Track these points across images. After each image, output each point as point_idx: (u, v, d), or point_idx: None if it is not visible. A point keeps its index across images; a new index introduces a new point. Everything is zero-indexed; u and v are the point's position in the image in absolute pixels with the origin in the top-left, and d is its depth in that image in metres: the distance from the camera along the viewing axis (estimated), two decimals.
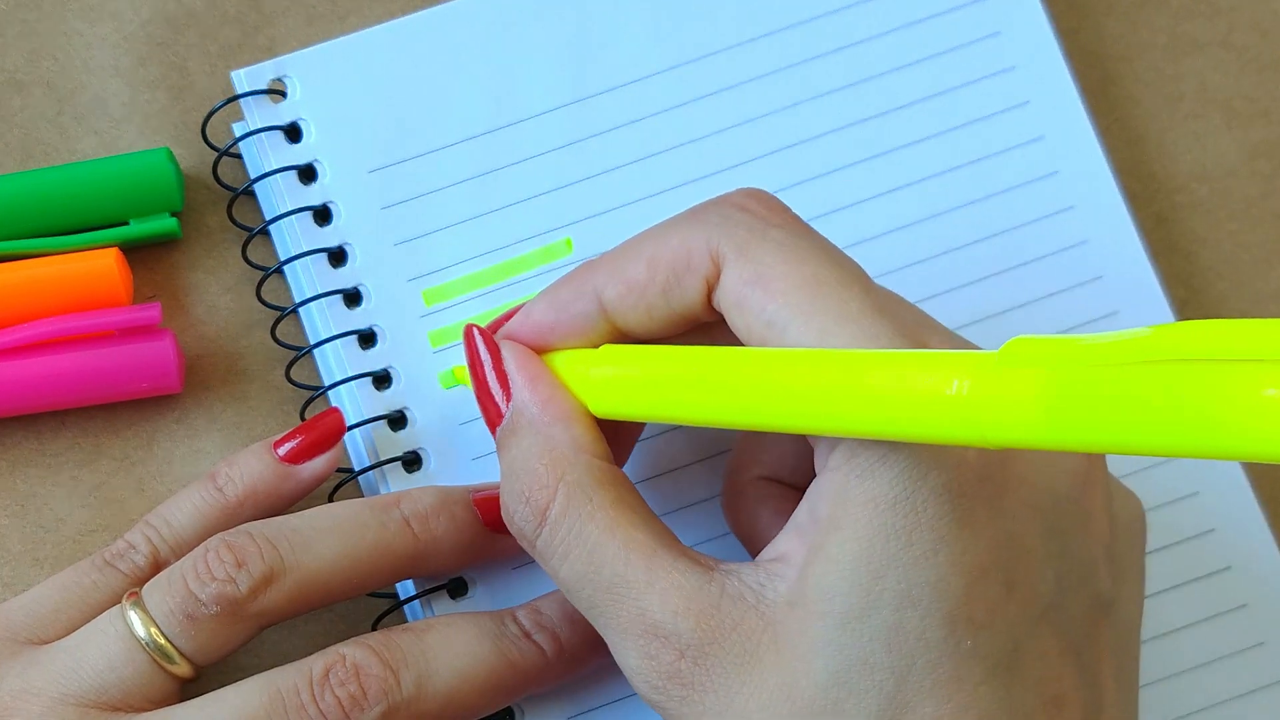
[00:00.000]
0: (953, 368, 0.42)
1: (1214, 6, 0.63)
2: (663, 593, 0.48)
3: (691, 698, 0.48)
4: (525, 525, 0.50)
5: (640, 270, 0.50)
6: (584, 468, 0.50)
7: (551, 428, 0.51)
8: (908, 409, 0.43)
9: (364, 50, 0.59)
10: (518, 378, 0.52)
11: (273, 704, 0.51)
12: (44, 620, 0.54)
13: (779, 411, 0.46)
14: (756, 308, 0.48)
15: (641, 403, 0.50)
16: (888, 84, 0.59)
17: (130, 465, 0.58)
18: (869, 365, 0.44)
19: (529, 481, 0.50)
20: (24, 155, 0.60)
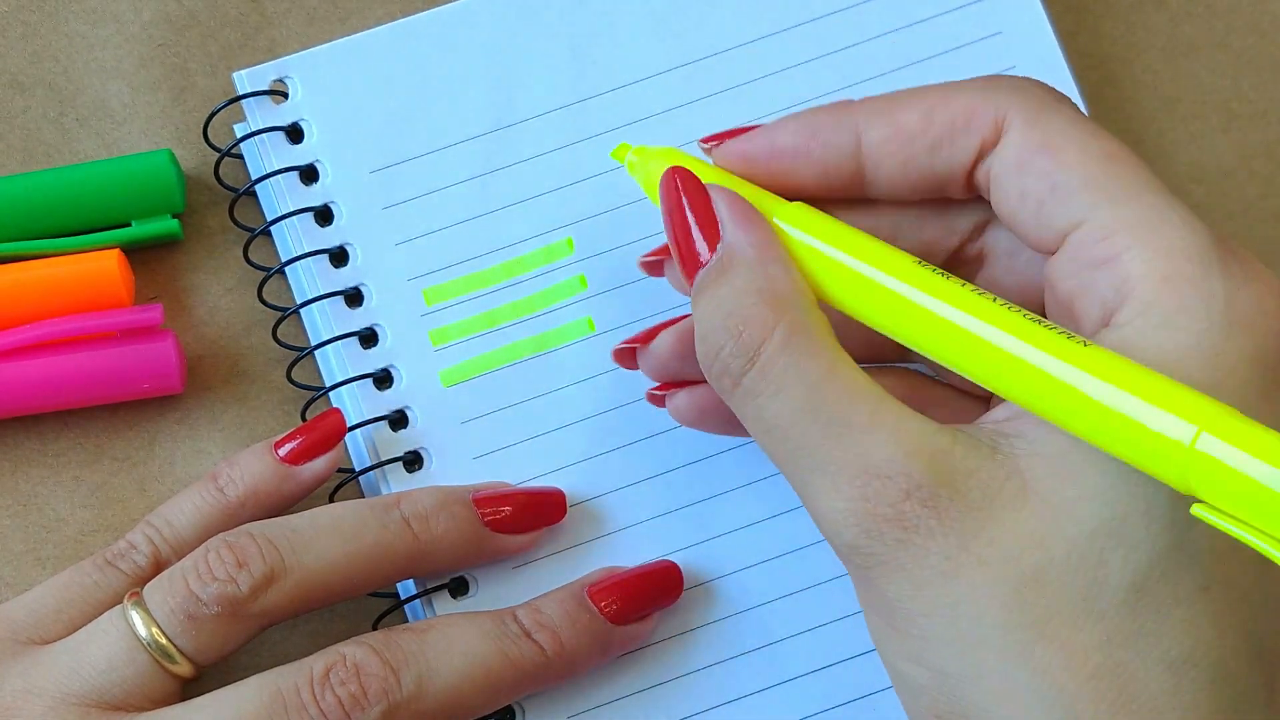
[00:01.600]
0: (1194, 414, 0.42)
1: (1212, 8, 0.63)
2: (891, 433, 0.46)
3: (912, 541, 0.45)
4: (733, 360, 0.48)
5: (915, 118, 0.49)
6: (804, 309, 0.48)
7: (771, 266, 0.49)
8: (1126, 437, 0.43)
9: (366, 51, 0.59)
10: (729, 218, 0.50)
11: (273, 703, 0.52)
12: (45, 620, 0.54)
13: (975, 366, 0.46)
14: (1042, 171, 0.47)
15: (829, 276, 0.49)
16: (888, 85, 0.59)
17: (132, 466, 0.58)
18: (1097, 367, 0.43)
19: (743, 317, 0.48)
20: (26, 156, 0.60)
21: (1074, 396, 0.44)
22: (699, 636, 0.57)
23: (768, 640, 0.57)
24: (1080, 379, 0.44)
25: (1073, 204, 0.47)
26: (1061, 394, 0.44)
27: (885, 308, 0.48)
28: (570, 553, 0.57)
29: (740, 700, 0.57)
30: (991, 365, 0.46)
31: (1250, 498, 0.41)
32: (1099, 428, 0.44)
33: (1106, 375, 0.43)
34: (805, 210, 0.50)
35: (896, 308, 0.48)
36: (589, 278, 0.59)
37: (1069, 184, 0.47)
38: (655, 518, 0.57)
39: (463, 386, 0.58)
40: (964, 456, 0.46)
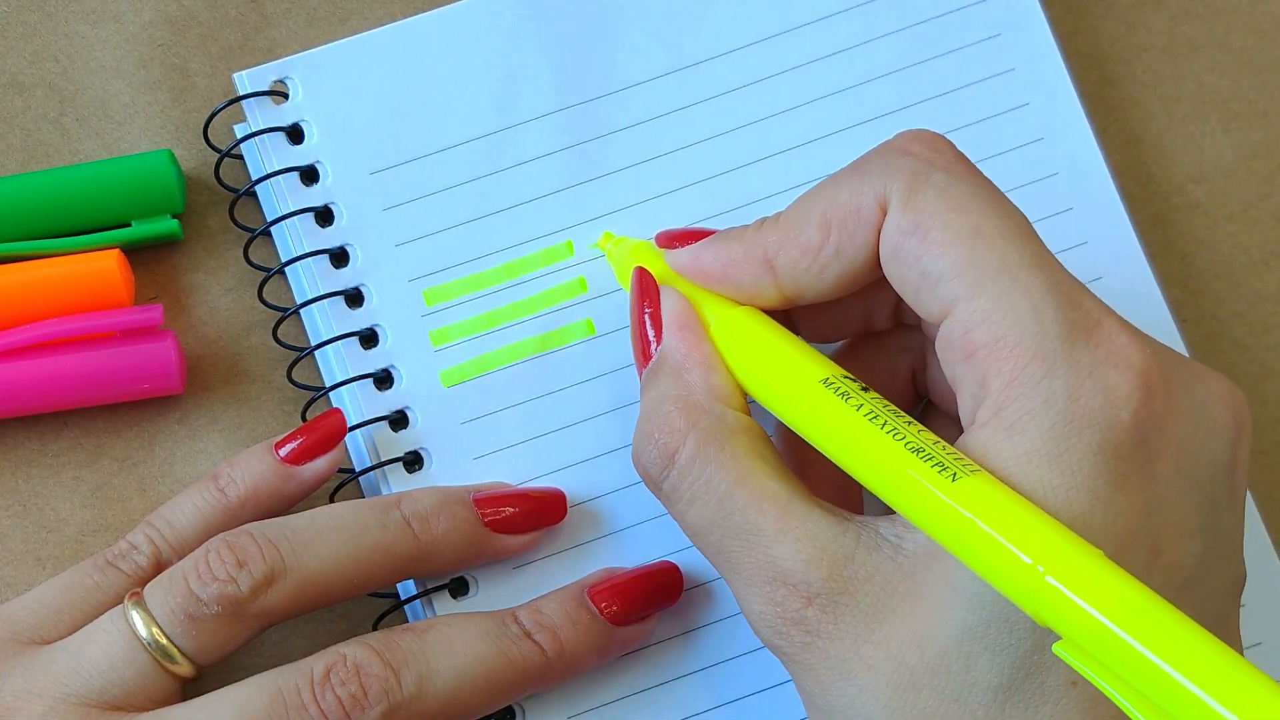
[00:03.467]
0: (1041, 551, 0.44)
1: (1212, 8, 0.63)
2: (795, 541, 0.48)
3: (815, 644, 0.48)
4: (652, 467, 0.51)
5: (814, 234, 0.50)
6: (717, 416, 0.51)
7: (690, 374, 0.51)
8: (998, 566, 0.45)
9: (366, 52, 0.59)
10: (670, 323, 0.52)
11: (274, 703, 0.52)
12: (46, 620, 0.54)
13: (877, 482, 0.48)
14: (912, 258, 0.48)
15: (750, 382, 0.51)
16: (888, 85, 0.60)
17: (132, 466, 0.58)
18: (968, 499, 0.45)
19: (660, 424, 0.51)
20: (26, 157, 0.60)
21: (949, 526, 0.46)
22: (699, 637, 0.57)
23: None
24: (953, 510, 0.45)
25: (940, 292, 0.48)
26: (939, 522, 0.46)
27: (794, 417, 0.50)
28: (570, 553, 0.57)
29: (740, 700, 0.57)
30: (879, 484, 0.48)
31: (1096, 636, 0.43)
32: (971, 556, 0.45)
33: (973, 507, 0.45)
34: (747, 315, 0.52)
35: (803, 418, 0.50)
36: (589, 280, 0.59)
37: (935, 271, 0.48)
38: (655, 518, 0.57)
39: (463, 387, 0.58)
40: (864, 561, 0.48)
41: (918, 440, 0.47)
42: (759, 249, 0.51)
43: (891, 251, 0.49)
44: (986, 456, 0.46)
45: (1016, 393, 0.46)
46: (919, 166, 0.49)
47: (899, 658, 0.47)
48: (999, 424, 0.46)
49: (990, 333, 0.47)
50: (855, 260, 0.50)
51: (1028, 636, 0.46)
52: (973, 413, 0.47)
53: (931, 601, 0.47)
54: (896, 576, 0.47)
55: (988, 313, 0.47)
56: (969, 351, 0.47)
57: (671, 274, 0.54)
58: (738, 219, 0.59)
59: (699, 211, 0.59)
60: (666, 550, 0.57)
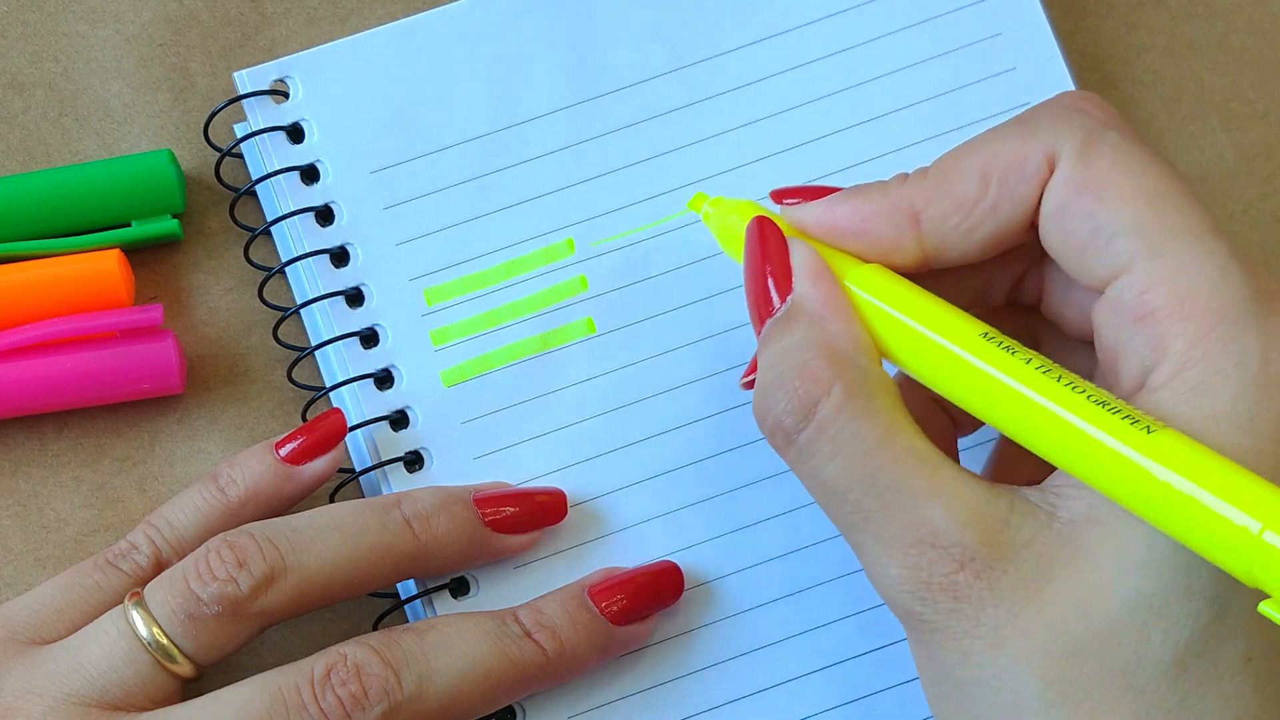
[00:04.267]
0: (1259, 508, 0.42)
1: (1212, 8, 0.63)
2: (947, 503, 0.46)
3: (964, 611, 0.46)
4: (787, 417, 0.48)
5: (970, 188, 0.48)
6: (864, 368, 0.48)
7: (832, 323, 0.49)
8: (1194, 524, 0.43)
9: (366, 51, 0.59)
10: (802, 272, 0.50)
11: (274, 703, 0.52)
12: (46, 620, 0.54)
13: (1041, 440, 0.46)
14: (1084, 213, 0.47)
15: (894, 340, 0.49)
16: (889, 85, 0.60)
17: (132, 466, 0.58)
18: (1168, 455, 0.43)
19: (801, 371, 0.48)
20: (26, 157, 0.60)
21: (1140, 484, 0.44)
22: (699, 637, 0.57)
23: (767, 640, 0.57)
24: (1146, 467, 0.43)
25: (1112, 251, 0.46)
26: (1127, 481, 0.44)
27: (949, 376, 0.48)
28: (570, 553, 0.57)
29: (740, 700, 0.57)
30: (1054, 443, 0.45)
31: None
32: (1166, 516, 0.43)
33: (1172, 464, 0.43)
34: (878, 272, 0.50)
35: (960, 377, 0.47)
36: (589, 278, 0.59)
37: (1109, 228, 0.46)
38: (655, 518, 0.57)
39: (463, 386, 0.58)
40: (1019, 527, 0.46)
41: (1099, 394, 0.45)
42: (905, 201, 0.49)
43: (1059, 207, 0.47)
44: (1167, 418, 0.44)
45: (1203, 353, 0.45)
46: (1092, 124, 0.48)
47: (1061, 626, 0.45)
48: (1181, 384, 0.45)
49: (1172, 292, 0.45)
50: (1012, 217, 0.48)
51: (1208, 607, 0.44)
52: (1143, 377, 0.46)
53: (1098, 569, 0.45)
54: (1055, 543, 0.45)
55: (1171, 272, 0.45)
56: (1144, 312, 0.46)
57: (791, 231, 0.51)
58: None
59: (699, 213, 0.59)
60: (666, 550, 0.57)
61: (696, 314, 0.58)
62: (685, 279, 0.59)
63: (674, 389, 0.58)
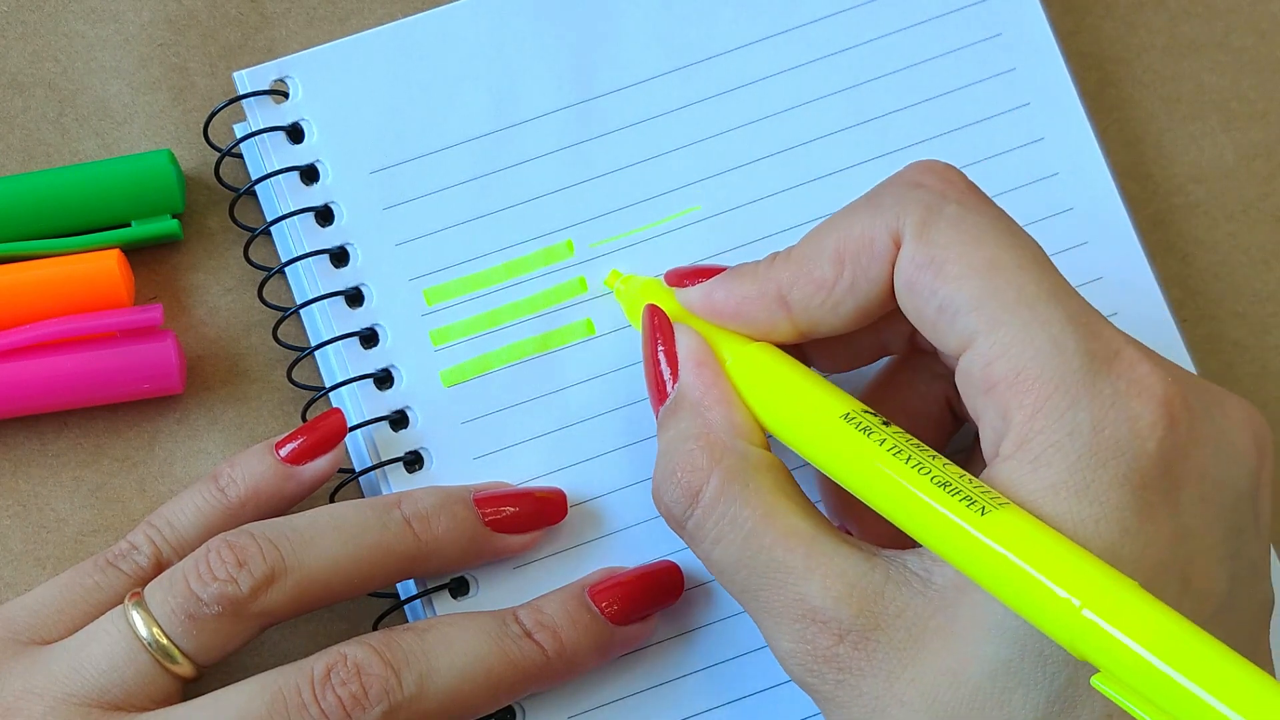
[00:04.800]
0: (1079, 586, 0.43)
1: (1212, 8, 0.63)
2: (824, 579, 0.48)
3: (848, 681, 0.48)
4: (675, 506, 0.50)
5: (827, 269, 0.50)
6: (740, 453, 0.50)
7: (710, 411, 0.51)
8: (1028, 598, 0.44)
9: (366, 51, 0.59)
10: (686, 361, 0.52)
11: (274, 703, 0.52)
12: (46, 621, 0.54)
13: (900, 516, 0.48)
14: (928, 292, 0.48)
15: (769, 419, 0.51)
16: (889, 85, 0.60)
17: (132, 466, 0.58)
18: (1002, 534, 0.45)
19: (682, 463, 0.50)
20: (26, 157, 0.60)
21: (979, 560, 0.45)
22: (699, 637, 0.57)
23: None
24: (985, 543, 0.45)
25: (957, 325, 0.48)
26: (969, 557, 0.46)
27: (816, 452, 0.50)
28: (571, 553, 0.57)
29: (740, 700, 0.57)
30: (906, 519, 0.48)
31: (1134, 668, 0.43)
32: (1003, 589, 0.45)
33: (1005, 542, 0.45)
34: (763, 350, 0.52)
35: (824, 454, 0.50)
36: (589, 279, 0.59)
37: (952, 304, 0.48)
38: (655, 518, 0.57)
39: (463, 386, 0.58)
40: (894, 596, 0.48)
41: (943, 474, 0.47)
42: (772, 285, 0.51)
43: (906, 285, 0.49)
44: (1012, 489, 0.46)
45: (1040, 425, 0.46)
46: (931, 199, 0.49)
47: (933, 694, 0.47)
48: (1024, 456, 0.46)
49: (1010, 366, 0.47)
50: (870, 293, 0.50)
51: (1062, 670, 0.46)
52: (995, 446, 0.47)
53: (963, 636, 0.46)
54: (927, 611, 0.47)
55: (1007, 346, 0.47)
56: (989, 385, 0.47)
57: (684, 312, 0.54)
58: (737, 218, 0.59)
59: (699, 212, 0.59)
60: (666, 550, 0.57)
61: None
62: None
63: None
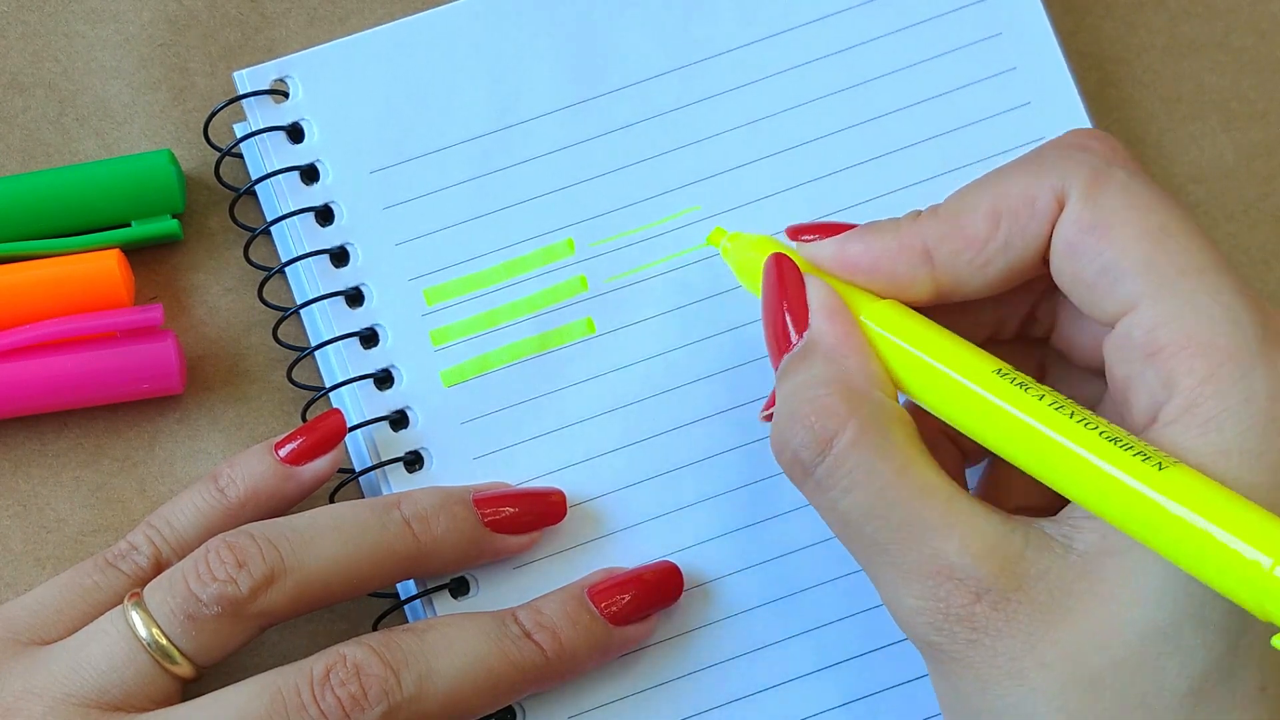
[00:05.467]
0: (1271, 544, 0.42)
1: (1212, 8, 0.63)
2: (963, 536, 0.47)
3: (982, 642, 0.46)
4: (805, 450, 0.49)
5: (981, 225, 0.49)
6: (878, 403, 0.49)
7: (848, 359, 0.50)
8: (1212, 563, 0.43)
9: (366, 51, 0.59)
10: (817, 308, 0.51)
11: (274, 704, 0.52)
12: (46, 621, 0.54)
13: (1053, 473, 0.46)
14: (1092, 253, 0.47)
15: (909, 375, 0.50)
16: (889, 85, 0.60)
17: (132, 466, 0.58)
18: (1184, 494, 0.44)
19: (816, 408, 0.49)
20: (26, 157, 0.60)
21: (1152, 519, 0.44)
22: (699, 637, 0.57)
23: (767, 640, 0.57)
24: (1159, 502, 0.44)
25: (1121, 289, 0.47)
26: (1140, 516, 0.44)
27: (963, 410, 0.48)
28: (570, 553, 0.57)
29: (740, 700, 0.57)
30: (1068, 477, 0.46)
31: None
32: (1178, 550, 0.44)
33: (1184, 499, 0.44)
34: (893, 308, 0.50)
35: (974, 412, 0.48)
36: (589, 278, 0.59)
37: (1117, 267, 0.47)
38: (655, 518, 0.57)
39: (463, 386, 0.58)
40: (1035, 559, 0.46)
41: (1111, 430, 0.46)
42: (917, 239, 0.50)
43: (1068, 246, 0.48)
44: (1178, 453, 0.45)
45: (1211, 390, 0.45)
46: (1099, 163, 0.49)
47: (1078, 658, 0.46)
48: (1191, 420, 0.45)
49: (1179, 331, 0.46)
50: (1024, 254, 0.49)
51: (1222, 638, 0.45)
52: (1153, 412, 0.46)
53: (1113, 600, 0.45)
54: (1070, 575, 0.46)
55: (1177, 311, 0.46)
56: (1154, 350, 0.46)
57: (807, 267, 0.52)
58: (737, 218, 0.59)
59: (699, 212, 0.59)
60: (666, 550, 0.57)
61: (697, 314, 0.58)
62: (685, 279, 0.59)
63: (673, 389, 0.58)
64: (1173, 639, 0.45)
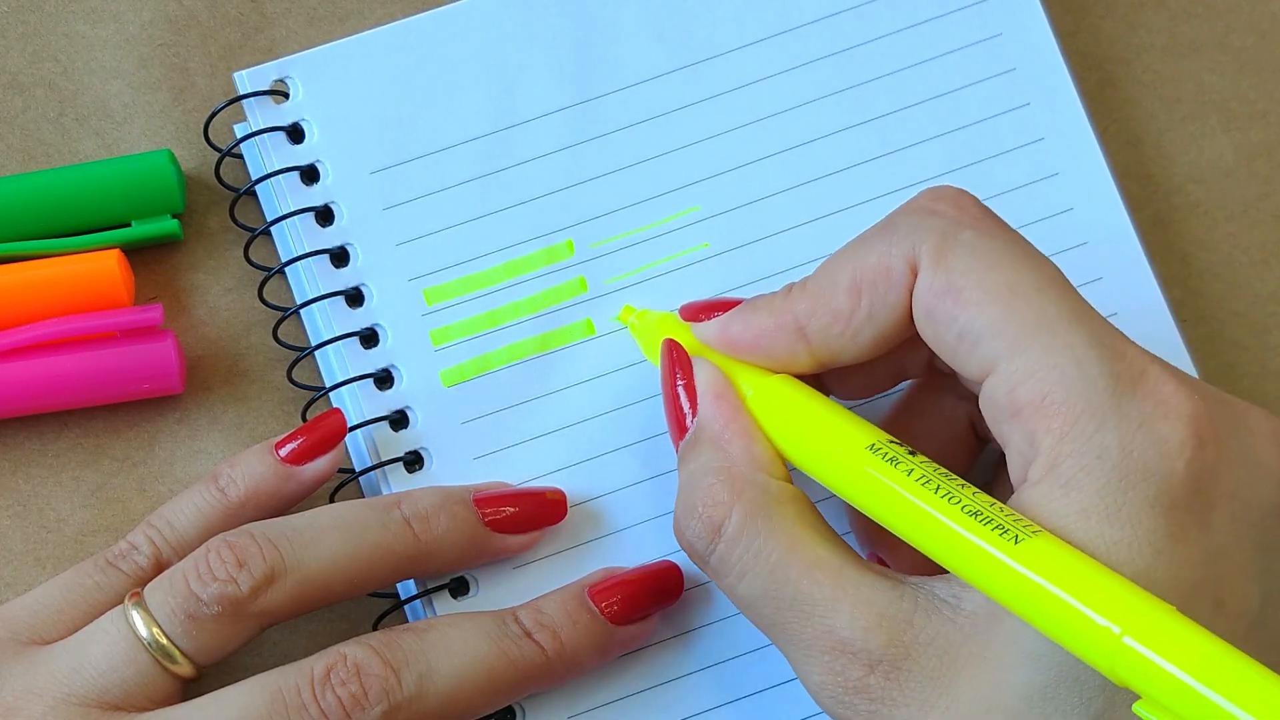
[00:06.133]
0: (1119, 613, 0.43)
1: (1211, 8, 0.63)
2: (851, 609, 0.48)
3: (880, 712, 0.47)
4: (698, 541, 0.50)
5: (844, 300, 0.50)
6: (761, 486, 0.50)
7: (731, 444, 0.51)
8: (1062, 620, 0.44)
9: (367, 51, 0.59)
10: (705, 394, 0.52)
11: (274, 703, 0.52)
12: (46, 621, 0.54)
13: (929, 544, 0.47)
14: (947, 319, 0.48)
15: (792, 451, 0.51)
16: (889, 85, 0.60)
17: (132, 466, 0.58)
18: (1034, 560, 0.45)
19: (703, 497, 0.50)
20: (26, 157, 0.60)
21: (1013, 589, 0.45)
22: (698, 637, 0.57)
23: (767, 641, 0.57)
24: (1019, 572, 0.45)
25: (979, 351, 0.48)
26: (1003, 585, 0.45)
27: (842, 484, 0.50)
28: (570, 553, 0.57)
29: (740, 700, 0.57)
30: (937, 548, 0.47)
31: (1177, 693, 0.42)
32: (1039, 618, 0.45)
33: (1040, 570, 0.45)
34: (784, 382, 0.52)
35: (851, 486, 0.50)
36: (589, 279, 0.59)
37: (974, 330, 0.48)
38: (655, 518, 0.57)
39: (463, 387, 0.58)
40: (924, 624, 0.47)
41: (973, 503, 0.47)
42: (789, 316, 0.51)
43: (926, 313, 0.49)
44: (1042, 514, 0.46)
45: (1068, 449, 0.46)
46: (946, 225, 0.49)
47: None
48: (1053, 481, 0.46)
49: (1035, 390, 0.47)
50: (889, 321, 0.50)
51: (1098, 695, 0.46)
52: (1024, 471, 0.47)
53: (997, 663, 0.46)
54: (958, 639, 0.47)
55: (1030, 370, 0.47)
56: (1014, 410, 0.47)
57: (701, 346, 0.54)
58: (737, 218, 0.59)
59: (699, 212, 0.59)
60: (666, 550, 0.57)
61: None
62: (684, 279, 0.59)
63: None
64: (1052, 699, 0.46)
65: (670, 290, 0.58)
